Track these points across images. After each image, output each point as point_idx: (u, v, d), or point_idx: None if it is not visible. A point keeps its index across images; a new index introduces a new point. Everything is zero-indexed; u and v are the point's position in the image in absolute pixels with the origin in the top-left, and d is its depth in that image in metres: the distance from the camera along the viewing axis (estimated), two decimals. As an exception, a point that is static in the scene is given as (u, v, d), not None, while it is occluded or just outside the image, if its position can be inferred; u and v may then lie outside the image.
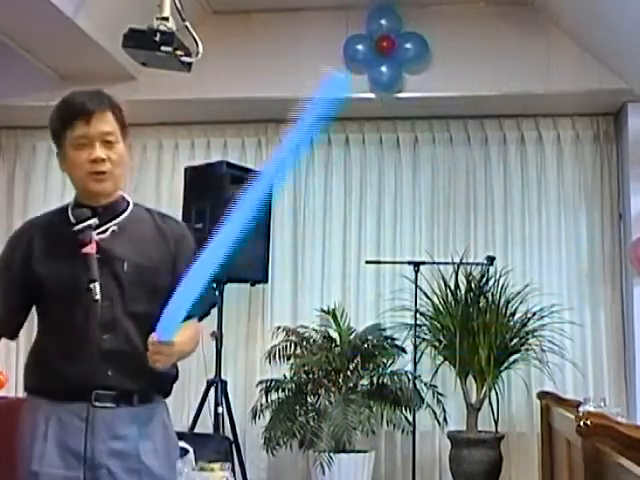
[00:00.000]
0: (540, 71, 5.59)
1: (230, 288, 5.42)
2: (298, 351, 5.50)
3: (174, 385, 2.42)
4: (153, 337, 2.13)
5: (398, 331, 5.51)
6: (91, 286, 2.22)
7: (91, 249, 2.28)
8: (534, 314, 5.47)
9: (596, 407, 3.63)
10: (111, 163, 2.33)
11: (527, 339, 5.43)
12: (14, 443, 2.49)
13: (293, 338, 5.55)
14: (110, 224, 2.35)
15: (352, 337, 5.54)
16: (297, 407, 5.36)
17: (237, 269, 5.23)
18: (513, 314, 5.48)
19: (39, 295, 2.31)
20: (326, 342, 5.52)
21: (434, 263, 5.61)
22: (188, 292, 2.05)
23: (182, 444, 3.61)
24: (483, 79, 5.66)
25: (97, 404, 2.25)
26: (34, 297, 2.32)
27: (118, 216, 2.37)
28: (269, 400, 5.41)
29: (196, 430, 5.11)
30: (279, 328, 5.63)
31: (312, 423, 5.27)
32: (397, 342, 5.52)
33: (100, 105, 2.39)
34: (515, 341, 5.44)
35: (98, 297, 2.22)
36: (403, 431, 5.40)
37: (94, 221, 2.32)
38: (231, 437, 5.04)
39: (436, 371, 5.60)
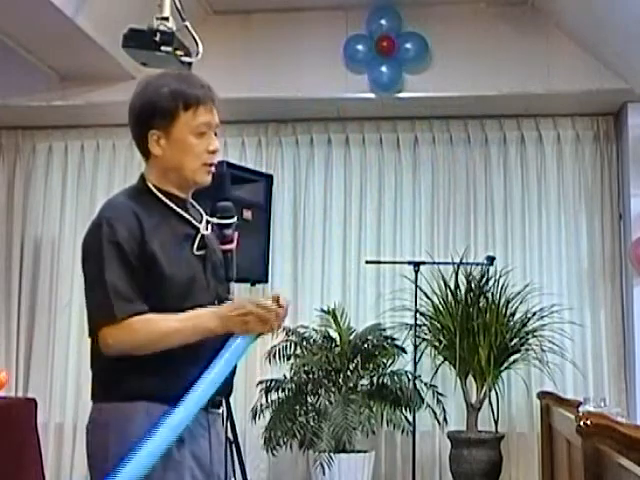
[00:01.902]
0: (540, 71, 5.60)
1: (230, 288, 5.41)
2: (298, 351, 5.51)
3: None
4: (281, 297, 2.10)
5: (398, 331, 5.52)
6: (230, 285, 2.17)
7: (233, 246, 2.20)
8: (534, 314, 5.47)
9: (596, 407, 3.63)
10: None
11: (527, 339, 5.43)
12: (17, 442, 2.36)
13: (293, 338, 5.55)
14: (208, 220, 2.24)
15: (352, 337, 5.54)
16: (297, 407, 5.36)
17: (237, 269, 5.23)
18: (513, 314, 5.48)
19: (156, 290, 2.09)
20: (326, 342, 5.52)
21: (434, 263, 5.61)
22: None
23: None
24: (483, 79, 5.66)
25: (211, 410, 2.17)
26: (151, 290, 2.09)
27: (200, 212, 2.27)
28: (269, 400, 5.41)
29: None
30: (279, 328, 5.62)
31: (312, 423, 5.27)
32: (397, 342, 5.52)
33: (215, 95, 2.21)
34: (515, 341, 5.44)
35: (234, 296, 2.17)
36: (403, 431, 5.40)
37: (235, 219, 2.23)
38: (231, 437, 5.04)
39: (436, 371, 5.60)
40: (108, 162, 6.44)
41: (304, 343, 5.51)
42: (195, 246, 2.17)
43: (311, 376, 5.45)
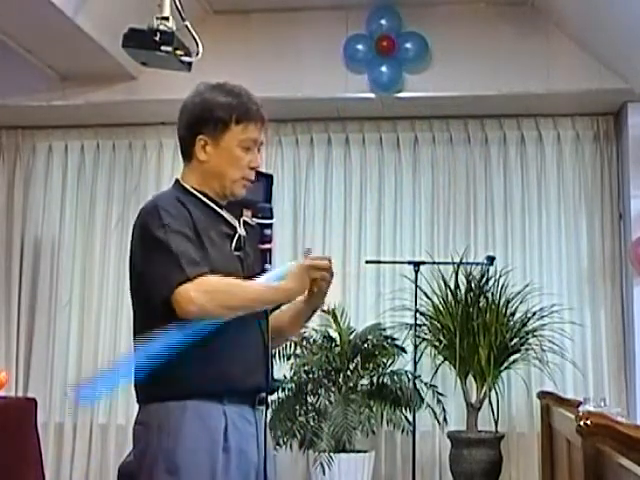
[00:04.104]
0: (540, 71, 5.60)
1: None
2: (298, 351, 5.50)
3: None
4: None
5: (398, 331, 5.51)
6: None
7: (272, 245, 2.28)
8: (534, 314, 5.47)
9: (596, 407, 3.63)
10: None
11: (527, 339, 5.43)
12: (17, 442, 2.35)
13: (293, 338, 5.54)
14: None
15: (352, 337, 5.54)
16: (297, 407, 5.36)
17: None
18: (513, 314, 5.48)
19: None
20: (326, 342, 5.52)
21: (434, 263, 5.61)
22: None
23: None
24: (483, 79, 5.66)
25: (257, 406, 2.23)
26: None
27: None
28: (269, 400, 5.40)
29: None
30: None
31: (312, 423, 5.27)
32: (397, 342, 5.52)
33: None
34: (515, 341, 5.44)
35: None
36: (403, 431, 5.40)
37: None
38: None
39: (436, 371, 5.60)
40: (108, 162, 6.44)
41: (304, 343, 5.51)
42: (233, 246, 2.25)
43: (311, 376, 5.45)
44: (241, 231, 2.29)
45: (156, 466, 2.09)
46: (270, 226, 2.30)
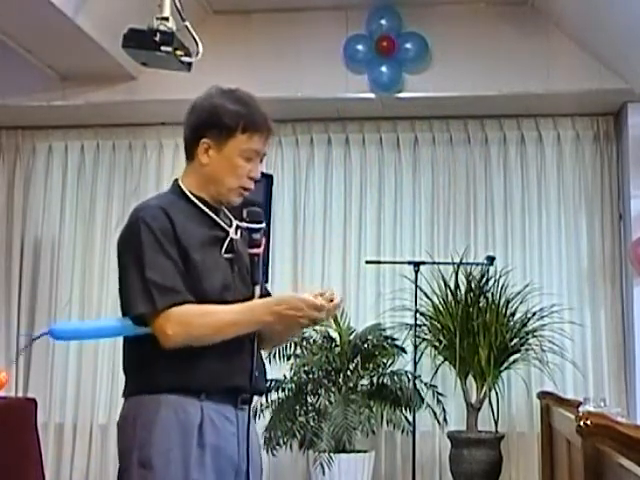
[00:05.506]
0: (540, 71, 5.60)
1: (230, 288, 5.41)
2: (298, 351, 5.50)
3: None
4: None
5: (398, 331, 5.51)
6: (255, 288, 2.24)
7: (260, 250, 2.27)
8: (534, 314, 5.47)
9: (596, 407, 3.62)
10: None
11: (527, 339, 5.43)
12: (17, 442, 2.36)
13: (293, 338, 5.55)
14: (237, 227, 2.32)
15: (352, 337, 5.54)
16: (297, 407, 5.36)
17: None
18: (513, 314, 5.48)
19: (194, 288, 2.16)
20: (326, 342, 5.52)
21: (434, 263, 5.61)
22: None
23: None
24: (483, 79, 5.66)
25: (240, 406, 2.23)
26: (189, 289, 2.16)
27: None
28: (269, 400, 5.41)
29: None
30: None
31: (312, 423, 5.27)
32: (397, 342, 5.52)
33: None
34: (515, 341, 5.44)
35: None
36: (403, 431, 5.40)
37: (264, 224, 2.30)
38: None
39: (436, 371, 5.60)
40: (108, 162, 6.44)
41: (304, 343, 5.51)
42: (223, 249, 2.25)
43: (311, 376, 5.45)
44: (233, 234, 2.28)
45: (131, 459, 2.11)
46: (259, 230, 2.28)
